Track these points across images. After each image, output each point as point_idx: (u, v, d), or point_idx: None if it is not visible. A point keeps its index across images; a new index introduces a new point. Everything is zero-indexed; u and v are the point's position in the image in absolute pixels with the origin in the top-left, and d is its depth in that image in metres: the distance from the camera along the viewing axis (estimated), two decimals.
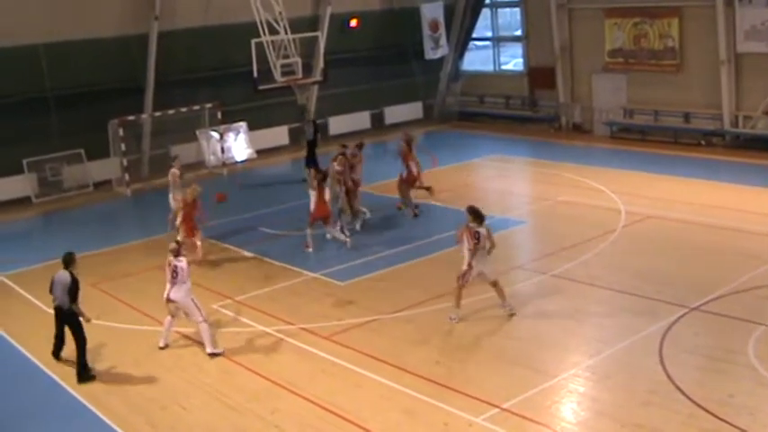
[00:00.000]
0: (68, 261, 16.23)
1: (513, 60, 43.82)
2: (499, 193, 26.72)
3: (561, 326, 17.18)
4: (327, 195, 22.54)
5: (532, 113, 39.78)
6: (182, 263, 16.67)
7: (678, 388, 14.03)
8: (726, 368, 14.83)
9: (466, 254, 17.26)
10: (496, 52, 43.34)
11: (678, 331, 16.38)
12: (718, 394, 13.79)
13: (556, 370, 15.21)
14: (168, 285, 16.74)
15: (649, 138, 35.05)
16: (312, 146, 30.38)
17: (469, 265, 17.18)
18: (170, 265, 16.70)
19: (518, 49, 42.21)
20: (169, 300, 16.79)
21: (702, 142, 33.78)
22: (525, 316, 17.69)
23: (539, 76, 39.98)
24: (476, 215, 17.27)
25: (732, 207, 24.53)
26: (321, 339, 17.13)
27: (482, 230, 17.16)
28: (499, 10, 43.02)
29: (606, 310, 17.94)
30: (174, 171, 24.43)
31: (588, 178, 27.91)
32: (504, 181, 26.56)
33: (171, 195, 24.07)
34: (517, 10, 41.65)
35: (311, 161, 29.00)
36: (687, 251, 21.16)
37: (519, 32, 41.97)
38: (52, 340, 16.70)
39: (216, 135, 33.77)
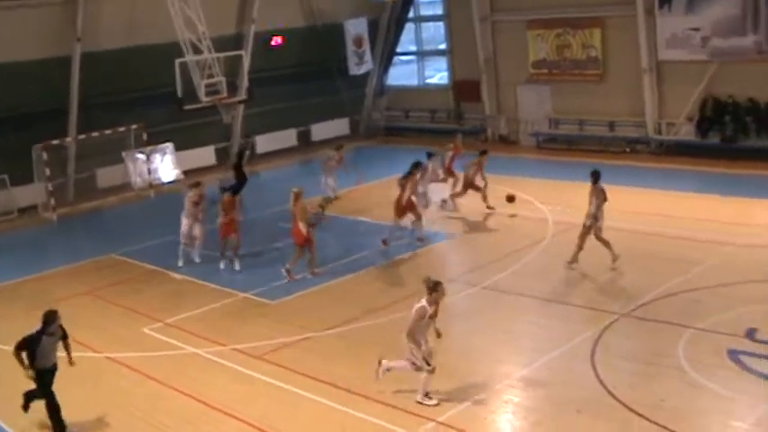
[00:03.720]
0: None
1: (438, 74, 44.01)
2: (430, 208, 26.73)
3: (493, 337, 17.25)
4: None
5: (458, 126, 39.89)
6: None
7: (611, 394, 14.14)
8: (657, 372, 15.00)
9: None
10: (421, 66, 43.60)
11: (609, 337, 16.52)
12: (651, 398, 13.92)
13: (490, 381, 15.24)
14: None
15: (575, 147, 35.39)
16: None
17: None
18: None
19: (443, 62, 42.47)
20: None
21: (628, 150, 34.20)
22: (458, 329, 17.69)
23: (464, 88, 40.21)
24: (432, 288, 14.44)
25: (658, 213, 24.82)
26: (254, 359, 16.99)
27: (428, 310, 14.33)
28: (423, 24, 43.30)
29: (537, 320, 18.04)
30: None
31: (516, 189, 28.06)
32: (433, 195, 26.59)
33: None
34: (441, 24, 41.94)
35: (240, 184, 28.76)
36: (614, 259, 21.34)
37: (443, 46, 42.22)
38: None
39: (142, 157, 33.45)
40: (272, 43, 37.93)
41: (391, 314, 18.14)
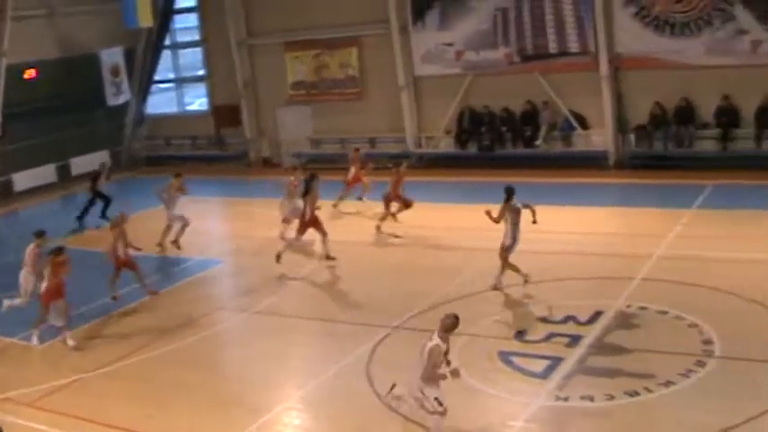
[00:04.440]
0: None
1: (197, 100, 43.47)
2: (194, 235, 26.14)
3: (269, 361, 16.95)
4: None
5: (221, 152, 39.50)
6: None
7: (389, 407, 14.07)
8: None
9: None
10: (180, 93, 42.90)
11: (383, 351, 16.54)
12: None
13: (269, 406, 14.97)
14: None
15: (338, 166, 35.51)
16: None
17: None
18: None
19: (202, 88, 41.95)
20: None
21: (390, 165, 34.58)
22: (233, 355, 17.35)
23: (224, 113, 39.76)
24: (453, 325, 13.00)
25: (423, 225, 25.13)
26: (24, 407, 15.97)
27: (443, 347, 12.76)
28: (180, 51, 42.59)
29: (312, 340, 17.91)
30: None
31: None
32: (198, 222, 26.01)
33: None
34: (198, 49, 41.38)
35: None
36: (385, 273, 21.49)
37: (202, 72, 41.70)
38: None
39: None
40: (26, 76, 36.32)
41: (164, 347, 17.58)
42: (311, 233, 23.00)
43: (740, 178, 27.72)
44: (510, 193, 19.35)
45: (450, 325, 12.74)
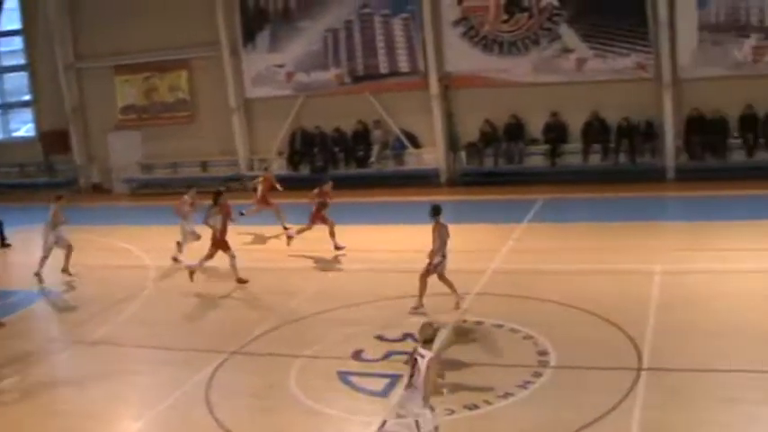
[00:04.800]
0: None
1: (24, 126, 42.06)
2: (22, 267, 25.22)
3: (104, 393, 16.31)
4: None
5: (50, 178, 38.38)
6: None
7: None
8: (274, 405, 14.86)
9: None
10: (5, 119, 41.53)
11: (222, 377, 16.20)
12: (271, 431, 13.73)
13: None
14: None
15: (170, 191, 34.95)
16: None
17: None
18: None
19: (28, 114, 40.66)
20: None
21: (222, 188, 34.16)
22: (65, 389, 16.69)
23: (52, 139, 38.71)
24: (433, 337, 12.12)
25: (259, 248, 24.91)
26: None
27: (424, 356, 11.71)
28: (5, 75, 41.22)
29: (148, 369, 17.38)
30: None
31: (113, 238, 27.22)
32: (30, 255, 25.11)
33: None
34: (24, 74, 40.12)
35: None
36: (224, 297, 21.14)
37: (27, 97, 40.42)
38: None
39: None
40: None
41: None
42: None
43: (568, 192, 28.46)
44: (437, 210, 19.11)
45: (432, 335, 11.96)
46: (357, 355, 16.67)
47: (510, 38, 31.73)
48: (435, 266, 18.75)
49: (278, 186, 27.27)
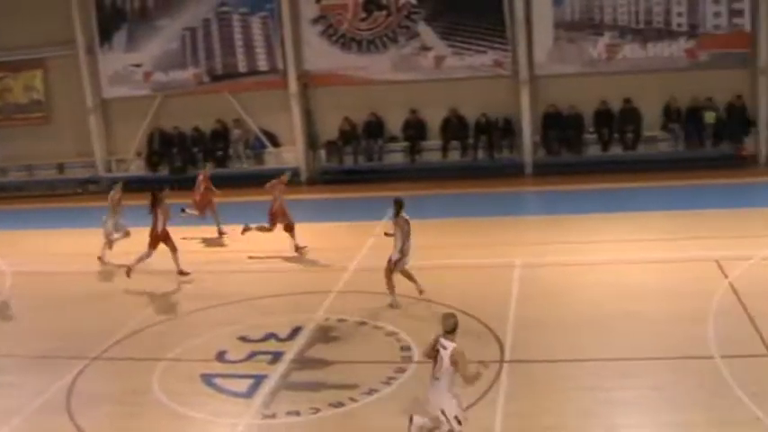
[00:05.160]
0: None
1: None
2: None
3: None
4: None
5: None
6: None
7: None
8: (138, 410, 14.68)
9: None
10: None
11: (82, 384, 15.90)
12: None
13: None
14: None
15: (26, 194, 34.21)
16: None
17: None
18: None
19: None
20: None
21: (80, 190, 33.71)
22: None
23: None
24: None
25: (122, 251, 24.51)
26: None
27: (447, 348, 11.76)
28: None
29: (7, 378, 16.87)
30: None
31: None
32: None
33: None
34: None
35: None
36: (84, 301, 20.75)
37: None
38: None
39: None
40: None
41: None
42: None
43: (428, 189, 28.82)
44: (400, 205, 19.00)
45: (453, 325, 11.83)
46: (220, 357, 16.62)
47: (368, 36, 31.95)
48: (395, 263, 18.79)
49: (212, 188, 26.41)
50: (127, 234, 23.60)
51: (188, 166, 32.97)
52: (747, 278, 19.20)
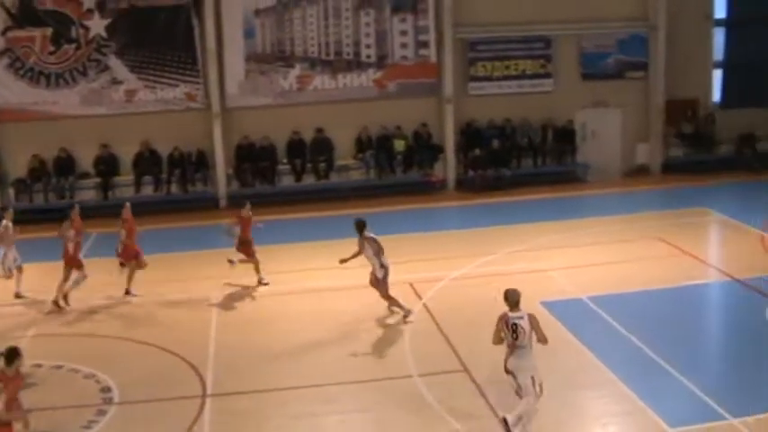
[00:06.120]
0: None
1: None
2: None
3: None
4: None
5: None
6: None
7: None
8: None
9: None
10: None
11: None
12: None
13: None
14: None
15: None
16: None
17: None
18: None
19: None
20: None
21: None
22: None
23: None
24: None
25: None
26: None
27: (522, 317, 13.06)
28: None
29: None
30: None
31: None
32: None
33: None
34: None
35: None
36: None
37: None
38: None
39: None
40: None
41: None
42: None
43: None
44: (362, 226, 18.81)
45: (518, 297, 13.07)
46: None
47: (57, 69, 31.02)
48: (383, 279, 18.88)
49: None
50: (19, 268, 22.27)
51: None
52: (439, 298, 20.08)
